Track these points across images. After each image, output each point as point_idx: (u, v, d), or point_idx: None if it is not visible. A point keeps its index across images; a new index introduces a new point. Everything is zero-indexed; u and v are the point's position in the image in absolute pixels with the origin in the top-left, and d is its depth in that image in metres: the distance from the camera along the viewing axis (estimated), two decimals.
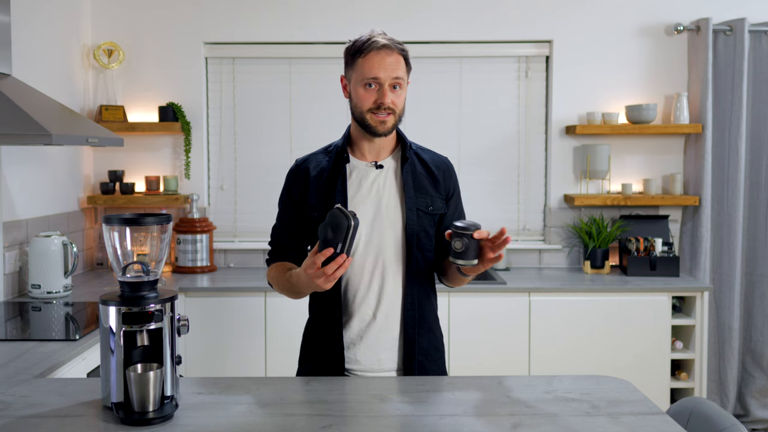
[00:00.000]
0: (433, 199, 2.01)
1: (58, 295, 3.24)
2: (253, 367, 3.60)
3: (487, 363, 3.58)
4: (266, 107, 4.18)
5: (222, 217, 4.23)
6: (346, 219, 1.69)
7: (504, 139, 4.20)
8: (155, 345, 1.57)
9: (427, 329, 2.02)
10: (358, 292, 1.95)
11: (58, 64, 3.71)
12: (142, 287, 1.55)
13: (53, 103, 2.93)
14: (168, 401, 1.54)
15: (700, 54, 4.00)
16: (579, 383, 1.76)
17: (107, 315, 1.53)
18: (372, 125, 1.92)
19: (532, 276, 3.92)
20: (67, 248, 3.26)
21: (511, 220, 4.23)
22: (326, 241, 1.70)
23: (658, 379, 3.63)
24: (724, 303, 4.05)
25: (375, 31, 1.92)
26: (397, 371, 1.98)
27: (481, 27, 4.10)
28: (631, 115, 4.03)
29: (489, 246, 1.77)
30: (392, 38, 1.92)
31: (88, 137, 2.81)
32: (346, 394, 1.69)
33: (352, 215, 1.70)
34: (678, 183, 4.08)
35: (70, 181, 3.86)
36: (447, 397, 1.66)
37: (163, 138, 4.15)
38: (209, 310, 3.60)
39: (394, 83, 1.90)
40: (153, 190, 4.05)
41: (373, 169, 1.99)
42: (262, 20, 4.10)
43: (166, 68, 4.12)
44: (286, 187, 2.07)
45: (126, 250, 1.57)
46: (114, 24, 4.09)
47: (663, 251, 3.92)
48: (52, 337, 2.51)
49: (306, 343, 2.07)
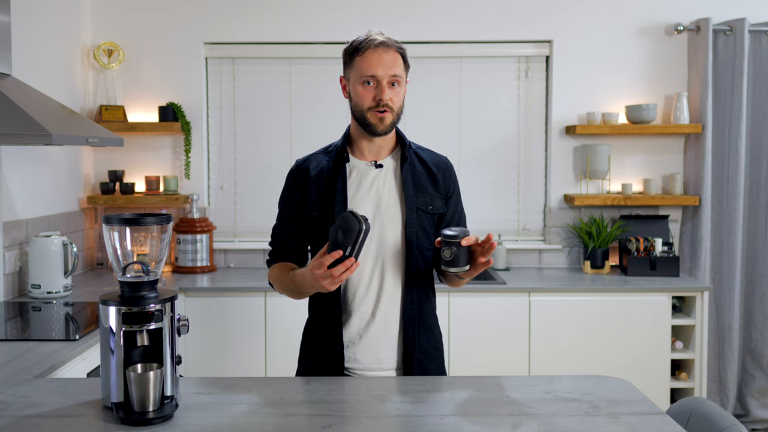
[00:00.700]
0: (432, 198, 2.01)
1: (58, 295, 3.24)
2: (253, 367, 3.60)
3: (486, 363, 3.58)
4: (266, 107, 4.18)
5: (222, 217, 4.23)
6: (357, 223, 1.70)
7: (504, 139, 4.20)
8: (155, 345, 1.57)
9: (426, 328, 2.02)
10: (357, 291, 1.96)
11: (58, 64, 3.71)
12: (142, 287, 1.55)
13: (53, 103, 2.93)
14: (168, 401, 1.54)
15: (700, 54, 4.00)
16: (579, 383, 1.76)
17: (107, 315, 1.53)
18: (372, 123, 1.92)
19: (532, 276, 3.92)
20: (67, 248, 3.26)
21: (511, 220, 4.23)
22: (336, 243, 1.71)
23: (658, 379, 3.63)
24: (724, 303, 4.05)
25: (372, 31, 1.94)
26: (397, 370, 1.98)
27: (481, 27, 4.10)
28: (631, 115, 4.03)
29: (479, 250, 1.80)
30: (390, 37, 1.93)
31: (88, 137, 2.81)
32: (346, 394, 1.69)
33: (363, 219, 1.71)
34: (678, 183, 4.08)
35: (70, 181, 3.86)
36: (447, 397, 1.66)
37: (163, 138, 4.15)
38: (209, 310, 3.60)
39: (392, 80, 1.91)
40: (153, 190, 4.05)
41: (372, 169, 2.00)
42: (263, 20, 4.10)
43: (166, 68, 4.12)
44: (286, 188, 2.07)
45: (126, 250, 1.57)
46: (114, 24, 4.09)
47: (663, 251, 3.92)
48: (52, 337, 2.51)
49: (306, 342, 2.08)
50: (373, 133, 1.94)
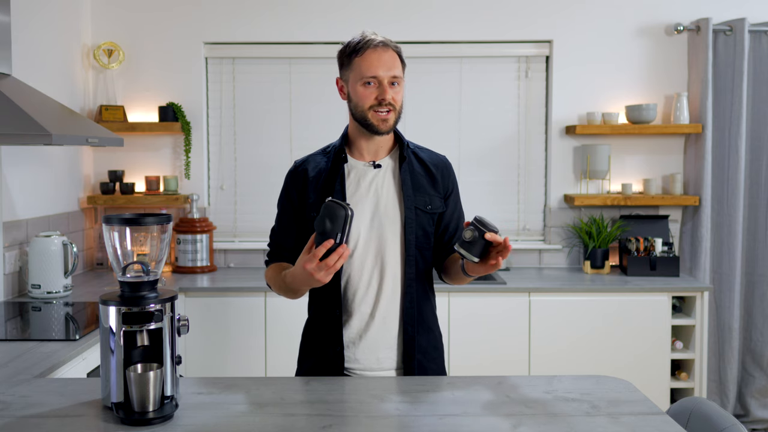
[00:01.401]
0: (431, 197, 2.01)
1: (58, 295, 3.24)
2: (253, 367, 3.60)
3: (487, 363, 3.58)
4: (266, 107, 4.18)
5: (222, 217, 4.23)
6: (342, 209, 1.69)
7: (504, 139, 4.20)
8: (155, 345, 1.57)
9: (426, 328, 2.02)
10: (357, 291, 1.96)
11: (58, 64, 3.71)
12: (142, 287, 1.55)
13: (53, 103, 2.93)
14: (168, 401, 1.54)
15: (700, 54, 4.00)
16: (579, 383, 1.76)
17: (107, 315, 1.53)
18: (374, 123, 1.92)
19: (532, 276, 3.92)
20: (67, 248, 3.26)
21: (511, 220, 4.23)
22: (324, 233, 1.70)
23: (658, 379, 3.63)
24: (724, 303, 4.05)
25: (367, 31, 1.95)
26: (397, 370, 1.98)
27: (481, 27, 4.10)
28: (631, 115, 4.03)
29: (494, 251, 1.77)
30: (385, 37, 1.94)
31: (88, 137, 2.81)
32: (346, 394, 1.69)
33: (347, 205, 1.71)
34: (678, 183, 4.08)
35: (70, 181, 3.86)
36: (447, 397, 1.66)
37: (163, 138, 4.15)
38: (209, 310, 3.60)
39: (393, 80, 1.92)
40: (153, 190, 4.05)
41: (371, 169, 2.00)
42: (263, 20, 4.10)
43: (166, 68, 4.12)
44: (285, 189, 2.07)
45: (126, 250, 1.57)
46: (114, 24, 4.09)
47: (663, 251, 3.92)
48: (52, 337, 2.51)
49: (305, 342, 2.08)
50: (376, 132, 1.94)
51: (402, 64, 1.96)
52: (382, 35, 1.95)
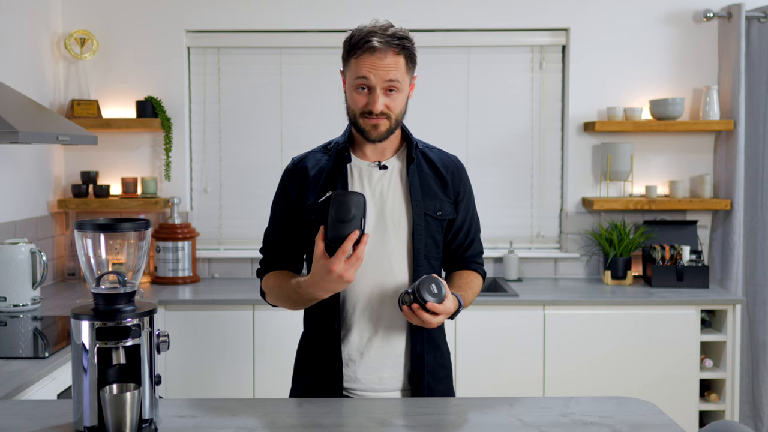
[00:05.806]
0: (441, 203, 2.01)
1: (26, 309, 3.23)
2: (240, 387, 3.60)
3: (497, 383, 3.58)
4: (255, 102, 4.19)
5: (206, 223, 4.23)
6: (357, 195, 1.77)
7: (516, 136, 4.21)
8: (132, 363, 1.57)
9: (433, 345, 2.02)
10: (358, 303, 1.95)
11: (26, 54, 3.72)
12: (118, 300, 1.56)
13: (20, 98, 2.94)
14: (146, 425, 1.54)
15: (731, 43, 4.01)
16: (599, 405, 1.76)
17: (80, 330, 1.54)
18: (364, 129, 1.92)
19: (546, 287, 3.92)
20: (35, 257, 3.26)
21: (523, 226, 4.23)
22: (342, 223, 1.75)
23: (686, 401, 3.63)
24: (759, 317, 4.05)
25: (377, 23, 1.89)
26: (402, 391, 1.98)
27: (491, 14, 4.11)
28: (655, 110, 4.04)
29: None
30: (394, 32, 1.88)
31: (58, 135, 2.82)
32: (343, 418, 1.69)
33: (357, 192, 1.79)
34: (707, 185, 4.08)
35: (39, 184, 3.86)
36: (454, 421, 1.66)
37: (141, 136, 4.16)
38: (192, 324, 3.60)
39: (389, 87, 1.88)
40: (130, 193, 4.05)
41: (376, 170, 2.00)
42: (250, 6, 4.11)
43: (144, 59, 4.12)
44: (281, 188, 2.06)
45: (100, 259, 1.58)
46: (87, 10, 4.10)
47: (691, 260, 3.92)
48: (19, 355, 2.51)
49: (300, 359, 2.07)
50: (367, 139, 1.94)
51: (409, 65, 1.91)
52: (393, 27, 1.89)
